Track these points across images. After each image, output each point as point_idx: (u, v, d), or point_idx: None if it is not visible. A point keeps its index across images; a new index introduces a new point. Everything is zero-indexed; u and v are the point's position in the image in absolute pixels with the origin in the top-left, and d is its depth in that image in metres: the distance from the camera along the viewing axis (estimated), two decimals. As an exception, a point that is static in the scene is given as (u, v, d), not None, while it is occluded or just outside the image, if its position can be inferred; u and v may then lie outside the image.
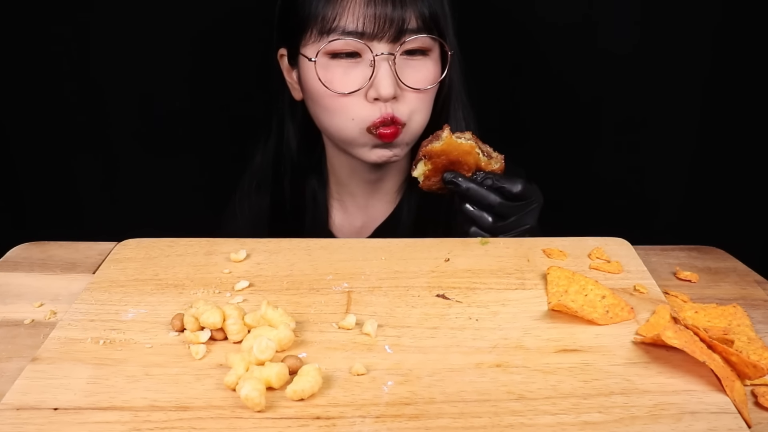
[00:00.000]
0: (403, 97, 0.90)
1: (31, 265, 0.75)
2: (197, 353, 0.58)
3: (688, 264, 0.76)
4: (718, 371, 0.54)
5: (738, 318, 0.64)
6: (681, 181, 1.33)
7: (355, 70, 0.89)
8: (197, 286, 0.68)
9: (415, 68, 0.90)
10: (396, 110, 0.89)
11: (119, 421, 0.51)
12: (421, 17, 0.88)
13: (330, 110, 0.91)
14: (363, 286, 0.68)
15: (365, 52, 0.88)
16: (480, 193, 0.79)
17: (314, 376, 0.53)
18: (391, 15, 0.86)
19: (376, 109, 0.89)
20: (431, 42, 0.91)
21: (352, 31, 0.87)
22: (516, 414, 0.51)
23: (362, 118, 0.89)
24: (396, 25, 0.87)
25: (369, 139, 0.91)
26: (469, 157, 0.80)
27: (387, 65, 0.88)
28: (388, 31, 0.87)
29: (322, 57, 0.89)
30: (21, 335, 0.63)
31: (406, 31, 0.88)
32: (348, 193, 1.04)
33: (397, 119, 0.89)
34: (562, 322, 0.62)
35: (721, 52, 1.25)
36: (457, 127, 0.95)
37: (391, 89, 0.87)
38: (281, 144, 1.02)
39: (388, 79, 0.87)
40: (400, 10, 0.87)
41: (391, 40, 0.87)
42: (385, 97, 0.88)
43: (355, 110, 0.89)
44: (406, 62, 0.89)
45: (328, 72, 0.89)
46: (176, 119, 1.32)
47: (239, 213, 1.07)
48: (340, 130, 0.92)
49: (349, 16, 0.87)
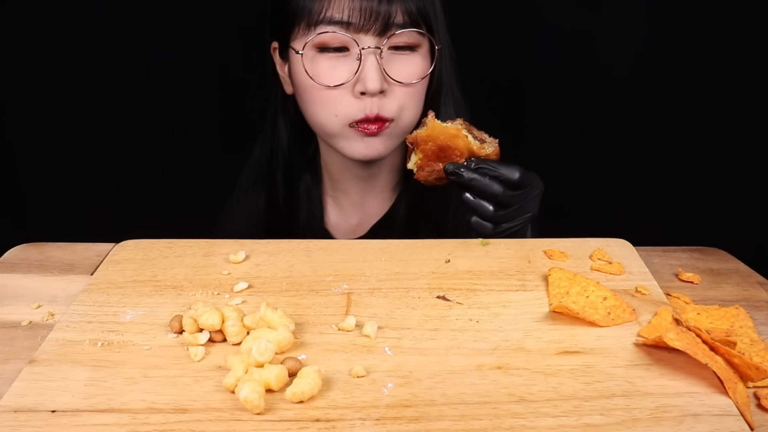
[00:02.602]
0: (390, 92, 0.90)
1: (29, 267, 0.74)
2: (196, 355, 0.57)
3: (691, 265, 0.76)
4: (721, 373, 0.54)
5: (740, 320, 0.64)
6: (683, 182, 1.33)
7: (342, 64, 0.89)
8: (196, 287, 0.68)
9: (402, 63, 0.90)
10: (383, 106, 0.89)
11: (117, 424, 0.50)
12: (408, 12, 0.89)
13: (316, 104, 0.92)
14: (363, 287, 0.68)
15: (352, 46, 0.88)
16: (482, 182, 0.78)
17: (314, 378, 0.52)
18: (377, 8, 0.87)
19: (362, 105, 0.89)
20: (419, 37, 0.91)
21: (338, 22, 0.87)
22: (517, 416, 0.51)
23: (345, 114, 0.90)
24: (382, 18, 0.87)
25: (352, 134, 0.91)
26: (458, 141, 0.78)
27: (374, 59, 0.88)
28: (374, 24, 0.87)
29: (310, 50, 0.90)
30: (18, 337, 0.63)
31: (392, 25, 0.88)
32: (342, 191, 1.04)
33: (382, 117, 0.89)
34: (564, 324, 0.62)
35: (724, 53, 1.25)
36: None
37: (378, 83, 0.88)
38: (274, 139, 1.03)
39: (374, 73, 0.88)
40: (387, 5, 0.87)
41: (378, 34, 0.88)
42: (372, 91, 0.88)
43: (339, 105, 0.90)
44: (394, 57, 0.90)
45: (315, 65, 0.90)
46: (175, 119, 1.32)
47: (236, 209, 1.07)
48: (323, 124, 0.92)
49: (336, 7, 0.88)
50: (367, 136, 0.91)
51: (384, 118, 0.90)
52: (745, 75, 1.25)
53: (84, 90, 1.30)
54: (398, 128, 0.92)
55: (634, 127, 1.30)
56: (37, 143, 1.33)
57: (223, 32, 1.28)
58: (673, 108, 1.28)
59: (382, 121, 0.90)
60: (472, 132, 0.79)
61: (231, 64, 1.28)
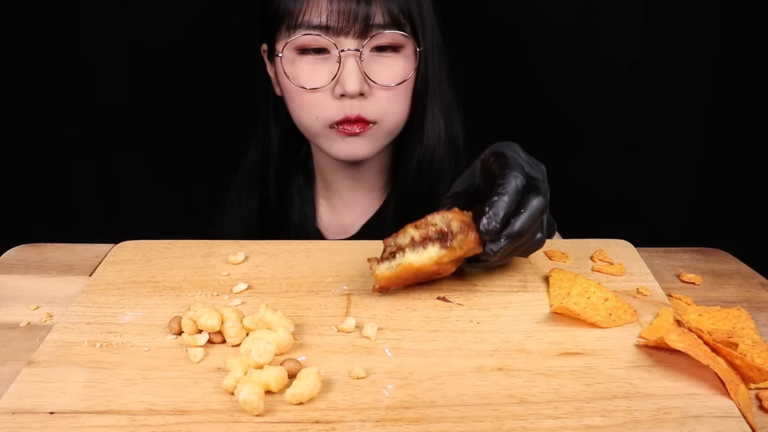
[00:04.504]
0: (372, 95, 0.89)
1: (27, 268, 0.74)
2: (195, 356, 0.57)
3: (692, 266, 0.76)
4: (722, 375, 0.53)
5: (742, 321, 0.64)
6: (685, 182, 1.33)
7: (322, 66, 0.89)
8: (195, 288, 0.68)
9: (385, 65, 0.90)
10: (364, 109, 0.89)
11: (116, 425, 0.50)
12: (389, 13, 0.88)
13: (298, 106, 0.92)
14: (363, 288, 0.67)
15: (333, 48, 0.88)
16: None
17: (313, 379, 0.52)
18: (356, 10, 0.86)
19: (342, 107, 0.89)
20: (402, 38, 0.90)
21: (317, 26, 0.87)
22: (518, 418, 0.51)
23: (326, 116, 0.90)
24: (362, 20, 0.86)
25: (334, 134, 0.91)
26: (422, 269, 0.63)
27: (354, 61, 0.87)
28: (353, 26, 0.87)
29: (290, 52, 0.90)
30: (17, 338, 0.62)
31: (372, 26, 0.87)
32: (334, 190, 1.04)
33: (363, 118, 0.89)
34: (565, 325, 0.62)
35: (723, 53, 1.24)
36: (433, 125, 0.94)
37: (357, 85, 0.87)
38: (266, 140, 1.03)
39: (353, 75, 0.87)
40: (366, 6, 0.86)
41: (358, 36, 0.87)
42: (351, 94, 0.87)
43: (320, 108, 0.90)
44: (376, 59, 0.89)
45: (295, 67, 0.90)
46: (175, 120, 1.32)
47: (231, 210, 1.07)
48: (306, 125, 0.93)
49: (314, 11, 0.87)
50: (349, 137, 0.90)
51: (366, 120, 0.89)
52: (747, 75, 1.25)
53: (82, 90, 1.30)
54: (382, 130, 0.92)
55: (635, 128, 1.30)
56: (35, 144, 1.33)
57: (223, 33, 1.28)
58: (674, 108, 1.28)
59: (365, 123, 0.90)
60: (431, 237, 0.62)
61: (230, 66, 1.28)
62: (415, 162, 0.96)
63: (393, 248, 0.63)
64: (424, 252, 0.62)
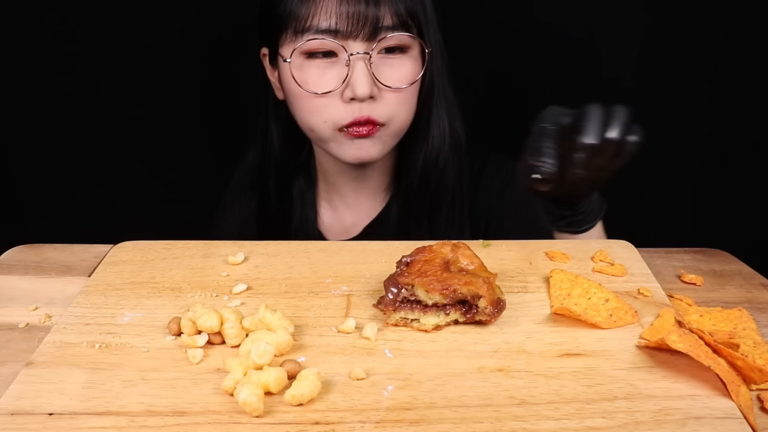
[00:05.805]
0: (381, 97, 0.89)
1: (26, 268, 0.74)
2: (194, 357, 0.57)
3: (693, 267, 0.75)
4: (724, 376, 0.53)
5: (743, 321, 0.64)
6: (686, 183, 1.33)
7: (331, 70, 0.88)
8: (194, 289, 0.67)
9: (393, 67, 0.89)
10: (373, 111, 0.88)
11: (115, 427, 0.50)
12: (397, 14, 0.87)
13: (306, 110, 0.91)
14: (363, 289, 0.67)
15: (341, 52, 0.87)
16: None
17: (313, 380, 0.52)
18: (365, 12, 0.85)
19: (351, 110, 0.88)
20: (409, 39, 0.89)
21: (325, 30, 0.86)
22: (518, 419, 0.51)
23: (335, 120, 0.89)
24: (371, 22, 0.86)
25: (342, 137, 0.90)
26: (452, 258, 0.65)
27: (363, 64, 0.87)
28: (362, 30, 0.86)
29: (298, 57, 0.89)
30: (15, 339, 0.62)
31: (381, 29, 0.86)
32: (336, 192, 1.03)
33: (372, 120, 0.88)
34: (565, 326, 0.61)
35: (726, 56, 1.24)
36: (438, 125, 0.94)
37: (367, 89, 0.86)
38: (266, 145, 1.02)
39: (363, 78, 0.86)
40: (375, 8, 0.86)
41: (367, 39, 0.86)
42: (361, 97, 0.87)
43: (329, 112, 0.89)
44: (384, 61, 0.89)
45: (303, 72, 0.89)
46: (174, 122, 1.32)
47: (229, 213, 1.07)
48: (314, 129, 0.92)
49: (323, 14, 0.86)
50: (358, 139, 0.90)
51: (375, 122, 0.89)
52: (748, 76, 1.25)
53: (81, 91, 1.30)
54: (390, 132, 0.91)
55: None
56: (34, 145, 1.33)
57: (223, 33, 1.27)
58: (675, 108, 1.28)
59: (373, 124, 0.89)
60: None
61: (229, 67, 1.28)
62: (420, 162, 0.95)
63: (409, 295, 0.61)
64: (446, 317, 0.61)
